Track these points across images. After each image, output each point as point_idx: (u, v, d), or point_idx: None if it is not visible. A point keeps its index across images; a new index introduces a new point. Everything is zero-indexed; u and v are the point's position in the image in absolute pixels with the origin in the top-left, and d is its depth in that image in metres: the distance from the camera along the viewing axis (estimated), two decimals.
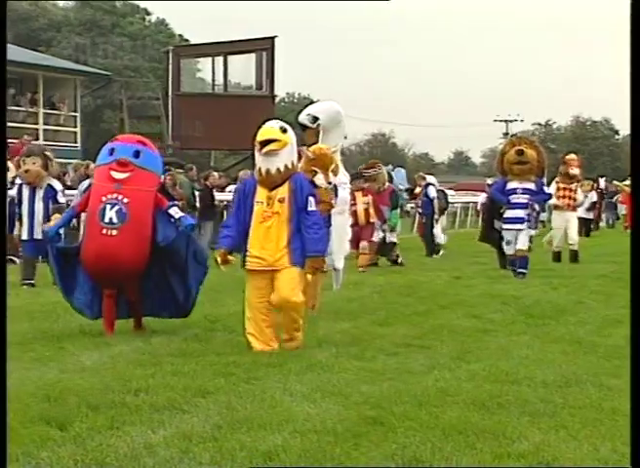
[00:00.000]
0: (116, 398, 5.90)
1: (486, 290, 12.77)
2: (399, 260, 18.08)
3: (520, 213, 14.34)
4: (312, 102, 12.76)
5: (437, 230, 20.96)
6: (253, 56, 35.03)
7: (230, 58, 34.61)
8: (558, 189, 17.95)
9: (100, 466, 4.64)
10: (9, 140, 19.85)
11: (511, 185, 14.50)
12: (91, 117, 50.77)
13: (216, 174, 23.50)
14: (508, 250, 14.66)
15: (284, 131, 8.05)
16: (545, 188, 15.09)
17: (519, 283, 13.74)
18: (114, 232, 8.37)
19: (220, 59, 34.65)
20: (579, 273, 15.36)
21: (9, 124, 28.84)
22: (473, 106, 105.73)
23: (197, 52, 37.38)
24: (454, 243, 23.71)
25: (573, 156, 18.89)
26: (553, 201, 17.76)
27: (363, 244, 16.32)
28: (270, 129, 8.07)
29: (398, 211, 18.54)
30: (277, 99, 43.07)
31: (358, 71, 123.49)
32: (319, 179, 9.59)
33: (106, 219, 8.36)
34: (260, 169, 8.04)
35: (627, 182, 32.38)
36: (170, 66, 34.46)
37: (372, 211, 16.69)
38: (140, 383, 6.29)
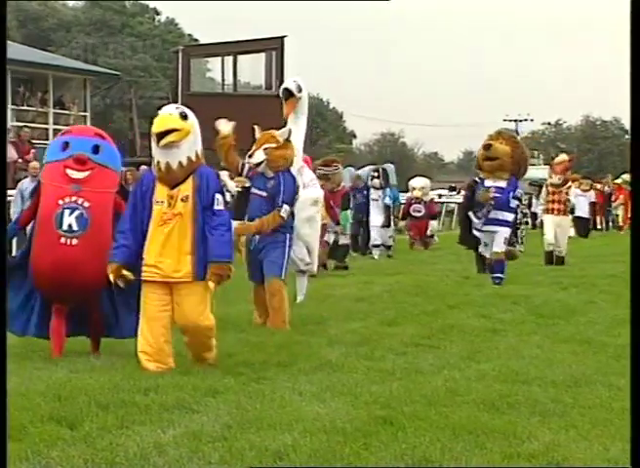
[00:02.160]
0: (126, 397, 5.90)
1: (495, 289, 12.74)
2: (345, 264, 16.96)
3: (496, 213, 13.21)
4: (322, 102, 12.68)
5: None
6: (262, 55, 35.06)
7: (240, 57, 34.65)
8: (547, 194, 17.54)
9: (110, 465, 4.65)
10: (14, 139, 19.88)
11: (485, 183, 13.40)
12: (100, 117, 50.80)
13: (226, 173, 23.48)
14: (485, 252, 13.67)
15: (184, 117, 7.00)
16: (519, 191, 13.61)
17: (529, 283, 13.70)
18: (75, 241, 7.29)
19: (229, 59, 34.69)
20: (588, 273, 15.32)
21: (19, 124, 28.95)
22: (483, 106, 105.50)
23: (207, 51, 37.42)
24: None
25: (558, 159, 18.09)
26: (541, 207, 17.77)
27: None
28: (168, 116, 7.01)
29: (349, 212, 17.47)
30: None
31: (368, 71, 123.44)
32: (248, 156, 9.05)
33: (65, 226, 7.27)
34: (158, 163, 7.02)
35: (620, 180, 32.06)
36: (179, 66, 34.49)
37: (323, 211, 15.52)
38: (149, 383, 6.30)
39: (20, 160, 21.53)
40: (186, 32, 67.34)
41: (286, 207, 9.13)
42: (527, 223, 20.58)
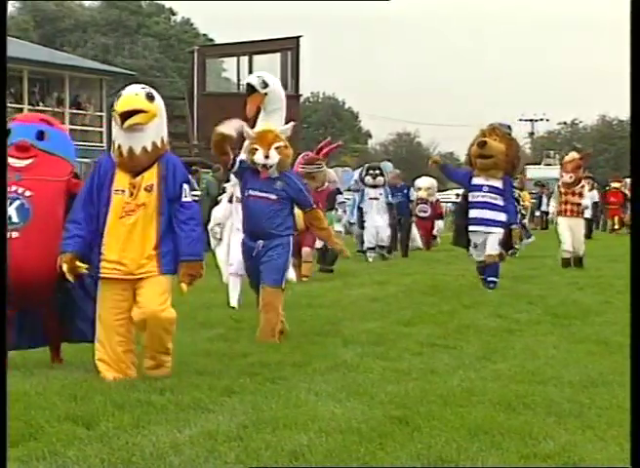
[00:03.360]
0: (142, 397, 5.91)
1: (511, 289, 12.73)
2: (331, 268, 15.97)
3: (487, 213, 12.55)
4: (338, 102, 12.58)
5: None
6: (278, 55, 35.15)
7: (255, 57, 34.76)
8: (560, 194, 16.79)
9: (127, 465, 4.66)
10: None
11: (477, 181, 12.69)
12: None
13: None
14: (476, 255, 12.90)
15: (151, 98, 6.50)
16: (515, 192, 13.37)
17: (545, 283, 13.67)
18: (15, 234, 6.59)
19: (245, 59, 34.82)
20: (604, 273, 15.27)
21: None
22: (499, 105, 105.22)
23: (222, 51, 37.56)
24: None
25: (569, 157, 17.08)
26: (553, 209, 17.08)
27: (306, 251, 14.46)
28: (134, 97, 6.47)
29: (334, 213, 16.42)
30: (302, 99, 43.11)
31: (383, 71, 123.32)
32: (259, 157, 8.38)
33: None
34: (119, 147, 6.44)
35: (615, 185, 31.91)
36: (195, 66, 34.63)
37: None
38: (165, 383, 6.30)
39: None
40: (202, 32, 67.54)
41: (314, 205, 8.87)
42: (523, 226, 20.22)
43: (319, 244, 14.86)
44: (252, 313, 9.84)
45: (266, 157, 8.38)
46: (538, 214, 36.18)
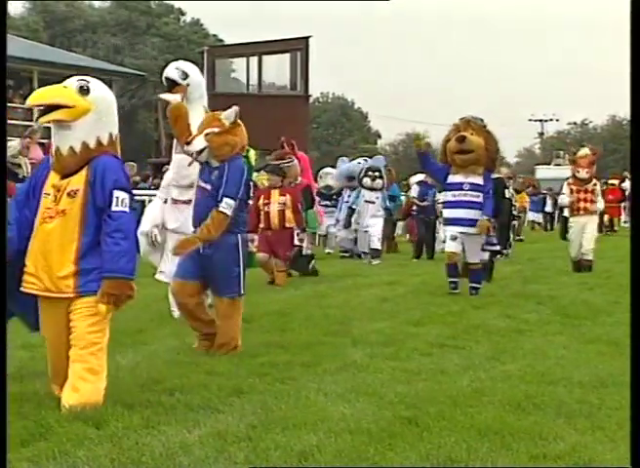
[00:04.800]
0: (151, 397, 5.92)
1: (520, 290, 12.71)
2: (313, 269, 15.06)
3: (469, 213, 11.76)
4: (347, 103, 12.40)
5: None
6: (287, 56, 35.16)
7: (265, 58, 34.78)
8: (571, 192, 15.67)
9: (136, 465, 4.67)
10: (44, 140, 19.97)
11: (455, 179, 11.89)
12: (126, 117, 51.04)
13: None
14: (455, 247, 12.02)
15: (84, 91, 5.68)
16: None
17: (554, 283, 13.65)
18: None
19: (254, 60, 34.82)
20: (614, 273, 15.22)
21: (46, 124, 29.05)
22: (508, 105, 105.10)
23: (232, 52, 37.56)
24: None
25: (582, 153, 15.82)
26: (565, 202, 15.90)
27: (280, 261, 13.53)
28: (59, 89, 5.72)
29: (314, 209, 15.75)
30: (311, 99, 43.15)
31: (392, 71, 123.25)
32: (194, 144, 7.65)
33: None
34: (55, 147, 5.77)
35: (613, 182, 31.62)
36: (204, 66, 34.59)
37: (289, 213, 13.59)
38: (174, 383, 6.32)
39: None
40: (211, 33, 67.55)
41: (227, 200, 7.54)
42: (515, 227, 19.93)
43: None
44: (262, 313, 9.86)
45: (188, 143, 7.70)
46: (539, 216, 35.91)
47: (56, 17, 62.77)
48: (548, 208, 34.37)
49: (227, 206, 7.54)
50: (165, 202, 9.68)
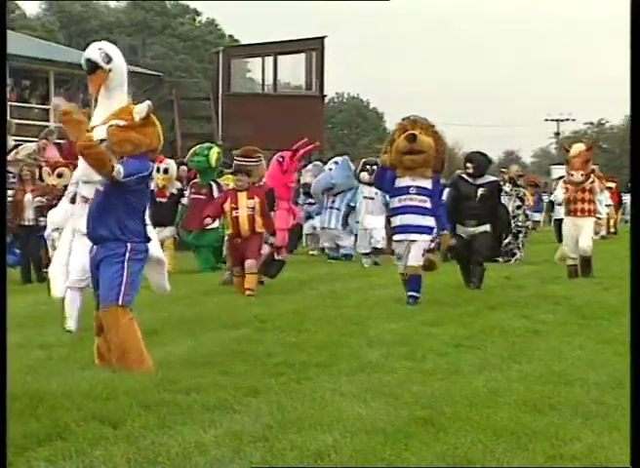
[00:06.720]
0: (167, 397, 5.93)
1: (537, 290, 12.67)
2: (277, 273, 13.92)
3: (415, 219, 11.01)
4: (362, 103, 11.97)
5: None
6: (302, 56, 35.22)
7: (280, 58, 34.84)
8: (567, 191, 14.34)
9: (152, 465, 4.68)
10: (61, 141, 20.06)
11: (402, 182, 11.04)
12: None
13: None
14: (399, 267, 11.39)
15: None
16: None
17: (570, 283, 13.61)
18: None
19: (269, 60, 34.89)
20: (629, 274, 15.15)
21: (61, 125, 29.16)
22: (525, 106, 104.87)
23: (247, 52, 37.61)
24: None
25: (575, 151, 14.21)
26: (559, 199, 14.90)
27: (250, 262, 12.45)
28: None
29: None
30: (326, 99, 43.17)
31: (408, 72, 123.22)
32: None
33: None
34: None
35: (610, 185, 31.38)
36: (220, 67, 34.71)
37: (258, 218, 12.55)
38: (190, 383, 6.33)
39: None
40: (227, 33, 67.70)
41: (118, 167, 6.71)
42: (527, 228, 19.53)
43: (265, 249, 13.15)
44: (277, 313, 9.87)
45: (87, 131, 6.94)
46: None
47: (72, 17, 62.99)
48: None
49: (117, 171, 6.72)
50: (72, 201, 9.01)
